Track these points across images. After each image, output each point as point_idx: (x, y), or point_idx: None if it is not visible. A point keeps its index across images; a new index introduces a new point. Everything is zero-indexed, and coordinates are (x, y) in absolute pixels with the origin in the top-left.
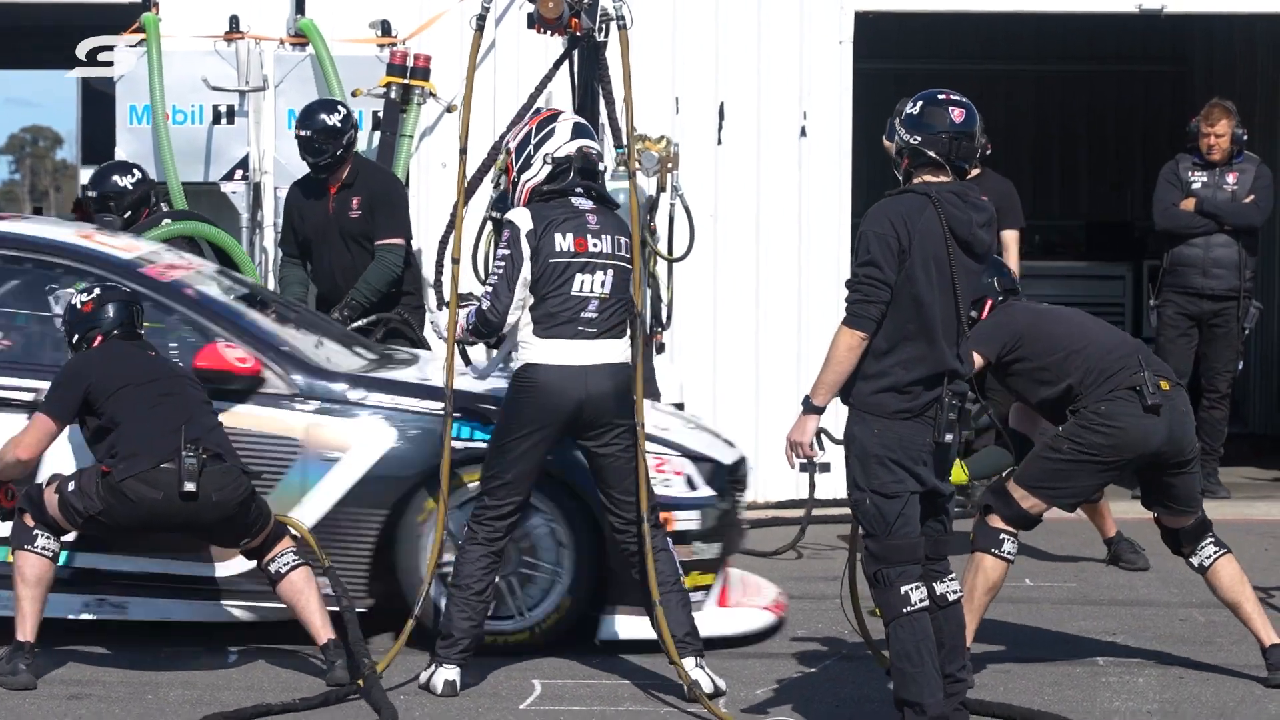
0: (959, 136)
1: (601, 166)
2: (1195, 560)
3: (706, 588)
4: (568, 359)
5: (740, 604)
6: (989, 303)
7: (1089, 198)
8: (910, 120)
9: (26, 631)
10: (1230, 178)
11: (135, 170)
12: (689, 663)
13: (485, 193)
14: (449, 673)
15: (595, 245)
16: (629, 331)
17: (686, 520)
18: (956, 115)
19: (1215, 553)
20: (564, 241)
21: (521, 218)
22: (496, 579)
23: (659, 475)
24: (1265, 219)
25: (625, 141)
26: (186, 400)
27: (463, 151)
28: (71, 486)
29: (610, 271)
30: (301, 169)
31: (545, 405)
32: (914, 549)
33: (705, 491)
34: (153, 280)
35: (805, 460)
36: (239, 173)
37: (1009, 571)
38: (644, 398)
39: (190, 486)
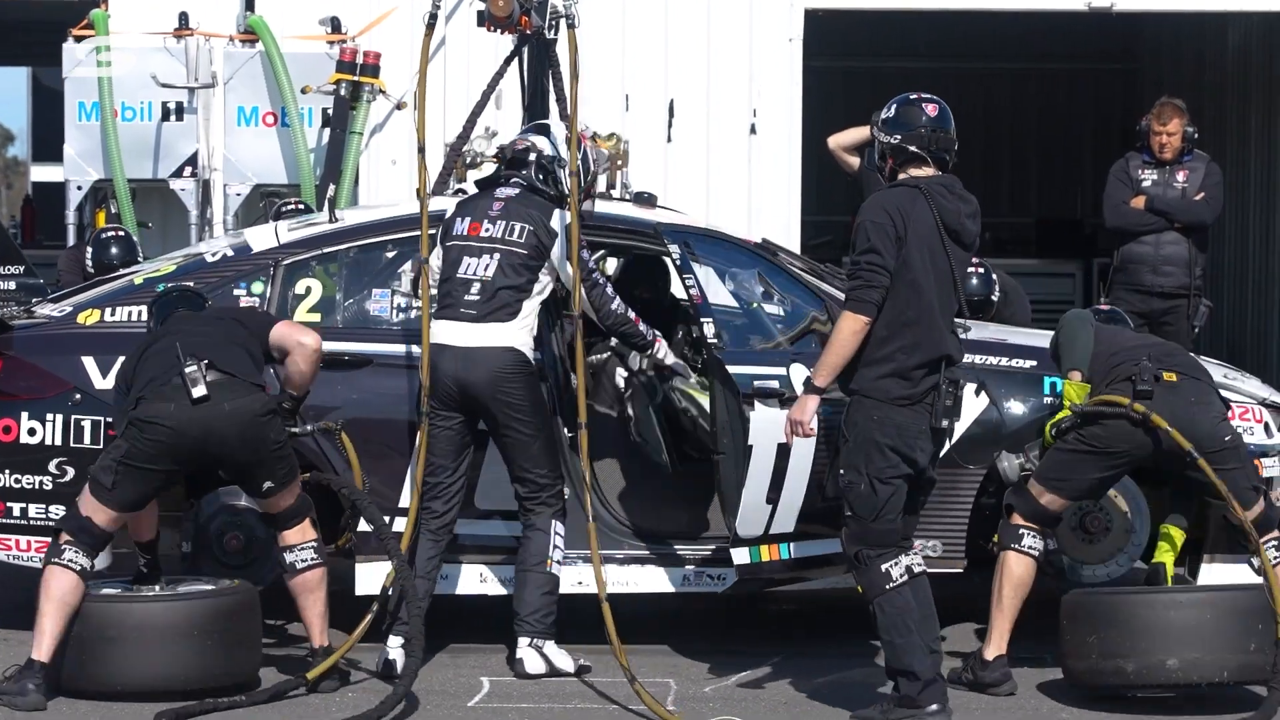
0: (935, 129)
1: (532, 156)
2: (1257, 563)
3: None
4: (450, 339)
5: None
6: None
7: (1039, 195)
8: (888, 122)
9: (42, 650)
10: (1180, 175)
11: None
12: (523, 642)
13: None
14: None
15: (488, 230)
16: (515, 316)
17: (1271, 467)
18: (930, 110)
19: (1276, 557)
20: (461, 226)
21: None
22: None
23: (1242, 423)
24: (1215, 217)
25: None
26: (193, 331)
27: (421, 150)
28: (97, 462)
29: (496, 255)
30: (254, 167)
31: (436, 384)
32: (895, 534)
33: None
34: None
35: (805, 438)
36: (188, 170)
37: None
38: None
39: (200, 391)
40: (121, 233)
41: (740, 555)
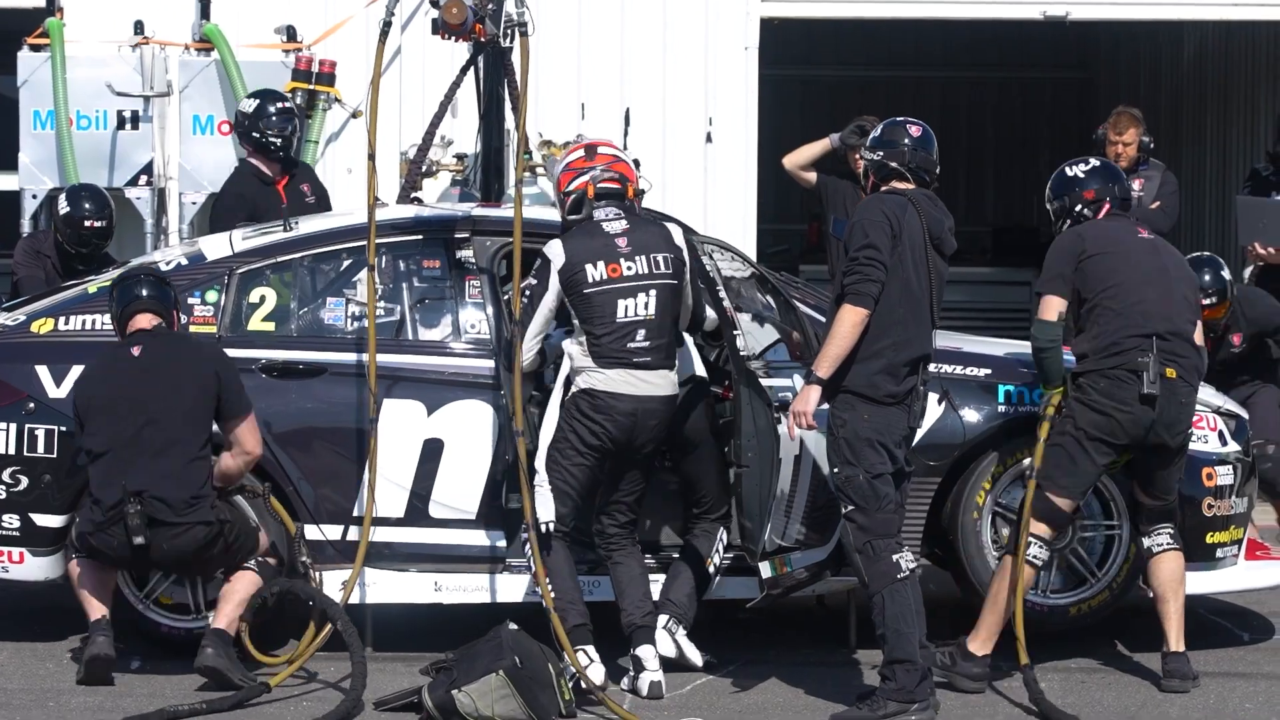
0: (917, 149)
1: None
2: (1146, 542)
3: (1238, 542)
4: (624, 387)
5: (1260, 556)
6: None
7: (996, 203)
8: (874, 141)
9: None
10: (1136, 184)
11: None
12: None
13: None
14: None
15: (630, 269)
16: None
17: (1225, 475)
18: (914, 131)
19: (1167, 544)
20: (595, 272)
21: (554, 251)
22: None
23: (1197, 431)
24: (1171, 225)
25: (520, 147)
26: (146, 438)
27: (371, 158)
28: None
29: (652, 292)
30: (210, 176)
31: (601, 427)
32: (896, 523)
33: (1234, 446)
34: None
35: (808, 429)
36: (143, 178)
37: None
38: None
39: (139, 540)
40: (94, 187)
41: (765, 569)
